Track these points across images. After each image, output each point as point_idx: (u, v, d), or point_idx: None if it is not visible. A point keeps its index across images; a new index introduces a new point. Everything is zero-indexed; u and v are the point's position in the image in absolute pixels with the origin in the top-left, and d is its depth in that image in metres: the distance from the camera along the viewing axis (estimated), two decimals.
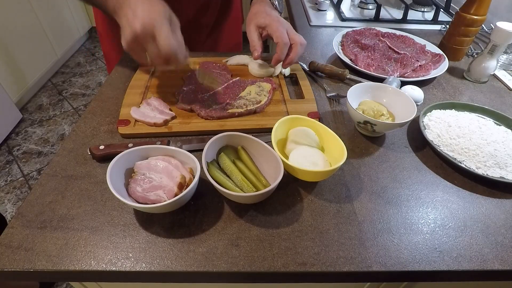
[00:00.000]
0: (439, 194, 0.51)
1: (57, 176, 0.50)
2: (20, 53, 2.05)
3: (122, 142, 0.56)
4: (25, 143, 1.91)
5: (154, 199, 0.43)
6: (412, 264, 0.41)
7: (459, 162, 0.53)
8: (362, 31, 0.92)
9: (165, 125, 0.58)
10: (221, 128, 0.58)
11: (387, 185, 0.51)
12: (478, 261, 0.42)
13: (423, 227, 0.46)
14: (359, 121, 0.57)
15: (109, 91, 0.67)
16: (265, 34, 0.68)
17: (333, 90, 0.72)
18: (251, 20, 0.69)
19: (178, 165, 0.47)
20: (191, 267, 0.40)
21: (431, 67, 0.77)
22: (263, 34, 0.69)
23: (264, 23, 0.67)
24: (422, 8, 1.17)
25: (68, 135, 0.57)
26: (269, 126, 0.56)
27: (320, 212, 0.47)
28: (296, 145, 0.52)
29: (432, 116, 0.63)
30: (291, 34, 0.66)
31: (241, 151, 0.51)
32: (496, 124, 0.62)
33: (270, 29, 0.66)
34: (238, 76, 0.71)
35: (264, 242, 0.43)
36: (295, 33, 0.66)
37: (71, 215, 0.45)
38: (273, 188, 0.43)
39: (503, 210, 0.49)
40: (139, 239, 0.42)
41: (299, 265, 0.40)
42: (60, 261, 0.40)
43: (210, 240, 0.43)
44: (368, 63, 0.78)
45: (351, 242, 0.43)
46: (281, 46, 0.64)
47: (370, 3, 1.17)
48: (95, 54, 2.77)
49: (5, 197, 1.60)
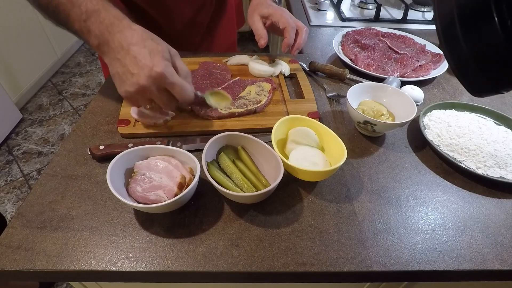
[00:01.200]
0: (439, 194, 0.51)
1: (57, 176, 0.50)
2: (20, 53, 2.05)
3: (122, 142, 0.56)
4: (25, 143, 1.91)
5: (154, 199, 0.43)
6: (412, 264, 0.41)
7: (459, 162, 0.53)
8: (362, 31, 0.92)
9: (165, 125, 0.58)
10: (221, 128, 0.58)
11: (387, 185, 0.51)
12: (478, 261, 0.42)
13: (423, 227, 0.46)
14: (359, 121, 0.57)
15: (109, 91, 0.67)
16: (269, 23, 0.70)
17: (333, 90, 0.72)
18: (254, 11, 0.71)
19: (178, 165, 0.47)
20: (191, 267, 0.40)
21: (431, 67, 0.77)
22: (266, 23, 0.70)
23: (267, 12, 0.69)
24: (422, 8, 1.17)
25: (68, 135, 0.57)
26: (269, 126, 0.56)
27: (320, 212, 0.47)
28: (296, 145, 0.52)
29: (432, 116, 0.63)
30: (296, 21, 0.68)
31: (241, 151, 0.51)
32: (496, 124, 0.62)
33: (274, 17, 0.68)
34: (238, 76, 0.71)
35: (264, 242, 0.43)
36: (298, 20, 0.69)
37: (71, 215, 0.45)
38: (273, 188, 0.43)
39: (503, 210, 0.49)
40: (139, 239, 0.42)
41: (299, 265, 0.40)
42: (60, 261, 0.40)
43: (210, 240, 0.43)
44: (368, 63, 0.78)
45: (351, 242, 0.43)
46: (289, 30, 0.66)
47: (370, 3, 1.17)
48: (95, 54, 2.77)
49: (5, 197, 1.60)
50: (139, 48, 0.45)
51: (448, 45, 0.38)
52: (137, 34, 0.46)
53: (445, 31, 0.37)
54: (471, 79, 0.39)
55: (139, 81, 0.44)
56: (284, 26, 0.66)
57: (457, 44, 0.36)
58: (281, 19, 0.67)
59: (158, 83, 0.45)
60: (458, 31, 0.35)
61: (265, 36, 0.68)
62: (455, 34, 0.36)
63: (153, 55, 0.45)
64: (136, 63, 0.44)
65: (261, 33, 0.68)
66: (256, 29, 0.69)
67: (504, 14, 0.31)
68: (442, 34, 0.38)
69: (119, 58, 0.45)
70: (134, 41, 0.45)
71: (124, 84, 0.46)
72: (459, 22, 0.35)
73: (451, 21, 0.36)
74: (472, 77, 0.39)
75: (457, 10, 0.35)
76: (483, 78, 0.37)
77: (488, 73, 0.37)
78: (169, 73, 0.45)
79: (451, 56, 0.38)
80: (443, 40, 0.38)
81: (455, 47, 0.37)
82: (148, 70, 0.44)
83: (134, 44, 0.45)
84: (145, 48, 0.45)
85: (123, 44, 0.45)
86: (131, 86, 0.45)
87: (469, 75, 0.39)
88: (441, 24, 0.38)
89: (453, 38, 0.36)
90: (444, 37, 0.38)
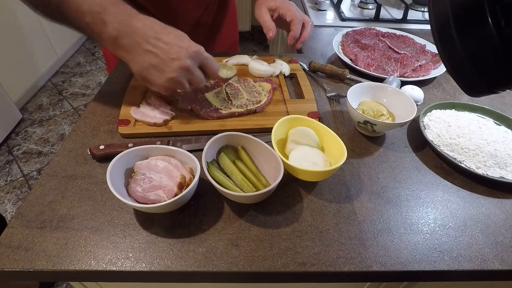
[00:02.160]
0: (439, 194, 0.51)
1: (57, 176, 0.50)
2: (20, 53, 2.05)
3: (122, 142, 0.56)
4: (25, 143, 1.91)
5: (154, 199, 0.43)
6: (412, 264, 0.41)
7: (459, 162, 0.53)
8: (362, 31, 0.92)
9: (165, 125, 0.58)
10: (221, 128, 0.58)
11: (387, 185, 0.51)
12: (478, 261, 0.42)
13: (423, 227, 0.46)
14: (359, 121, 0.57)
15: (109, 91, 0.67)
16: (276, 16, 0.71)
17: (333, 90, 0.72)
18: (262, 4, 0.72)
19: (178, 165, 0.47)
20: (191, 267, 0.40)
21: (431, 67, 0.77)
22: (273, 16, 0.72)
23: (275, 5, 0.70)
24: (422, 8, 1.17)
25: (68, 135, 0.57)
26: (269, 126, 0.56)
27: (320, 212, 0.47)
28: (296, 145, 0.52)
29: (432, 116, 0.63)
30: (302, 15, 0.70)
31: (241, 151, 0.51)
32: (496, 124, 0.62)
33: (281, 10, 0.69)
34: (238, 76, 0.71)
35: (264, 242, 0.43)
36: (304, 14, 0.71)
37: (71, 215, 0.45)
38: (273, 188, 0.43)
39: (503, 210, 0.49)
40: (139, 239, 0.42)
41: (299, 265, 0.40)
42: (60, 261, 0.40)
43: (210, 240, 0.43)
44: (368, 63, 0.78)
45: (351, 242, 0.43)
46: (296, 22, 0.67)
47: (370, 3, 1.17)
48: (95, 54, 2.77)
49: (5, 197, 1.60)
50: (166, 35, 0.47)
51: (443, 45, 0.38)
52: (156, 23, 0.48)
53: (440, 31, 0.38)
54: (466, 79, 0.39)
55: (181, 63, 0.47)
56: (291, 18, 0.68)
57: (452, 45, 0.36)
58: (288, 11, 0.68)
59: (197, 60, 0.49)
60: (452, 31, 0.36)
61: (273, 28, 0.70)
62: (449, 34, 0.36)
63: (180, 38, 0.48)
64: (170, 49, 0.46)
65: (269, 25, 0.70)
66: (264, 21, 0.70)
67: (498, 15, 0.32)
68: (437, 34, 0.38)
69: (150, 49, 0.46)
70: (157, 29, 0.47)
71: (164, 72, 0.47)
72: (453, 22, 0.35)
73: (445, 22, 0.36)
74: (467, 77, 0.39)
75: (451, 11, 0.35)
76: (478, 79, 0.38)
77: (483, 73, 0.37)
78: (203, 49, 0.49)
79: (446, 56, 0.39)
80: (438, 40, 0.38)
81: (450, 48, 0.37)
82: (185, 51, 0.47)
83: (160, 32, 0.47)
84: (171, 34, 0.47)
85: (149, 34, 0.46)
86: (174, 71, 0.47)
87: (464, 75, 0.39)
88: (436, 24, 0.38)
89: (448, 39, 0.37)
90: (439, 38, 0.38)
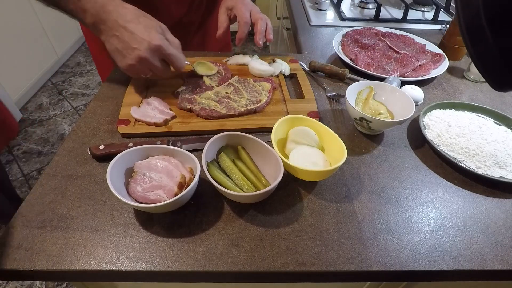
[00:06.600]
0: (439, 194, 0.51)
1: (57, 176, 0.50)
2: (20, 53, 2.05)
3: (122, 141, 0.56)
4: (25, 142, 1.91)
5: (154, 199, 0.43)
6: (412, 263, 0.41)
7: (459, 162, 0.53)
8: (362, 30, 0.92)
9: (165, 124, 0.58)
10: (221, 128, 0.58)
11: (387, 184, 0.51)
12: (478, 261, 0.42)
13: (423, 226, 0.46)
14: (356, 118, 0.57)
15: (109, 91, 0.67)
16: (233, 15, 0.73)
17: (333, 89, 0.72)
18: (223, 3, 0.75)
19: (178, 164, 0.47)
20: (191, 267, 0.40)
21: (431, 67, 0.77)
22: (231, 15, 0.74)
23: (231, 5, 0.73)
24: (422, 7, 1.17)
25: (68, 134, 0.57)
26: (269, 125, 0.56)
27: (320, 211, 0.47)
28: (296, 144, 0.52)
29: (432, 116, 0.63)
30: (254, 14, 0.71)
31: (241, 151, 0.51)
32: (496, 124, 0.62)
33: (235, 10, 0.72)
34: (238, 75, 0.71)
35: (264, 242, 0.43)
36: (258, 12, 0.73)
37: (71, 214, 0.45)
38: (273, 188, 0.43)
39: (503, 210, 0.49)
40: (139, 238, 0.42)
41: (299, 264, 0.40)
42: (60, 261, 0.40)
43: (210, 239, 0.43)
44: (368, 62, 0.78)
45: (351, 242, 0.43)
46: (241, 24, 0.70)
47: (370, 3, 1.17)
48: None
49: None
50: (135, 24, 0.49)
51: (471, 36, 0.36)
52: (130, 12, 0.51)
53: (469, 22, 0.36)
54: (495, 72, 0.38)
55: (139, 54, 0.49)
56: (239, 20, 0.70)
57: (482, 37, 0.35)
58: (238, 12, 0.70)
59: (156, 54, 0.51)
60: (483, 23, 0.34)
61: (222, 28, 0.73)
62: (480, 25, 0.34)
63: (148, 30, 0.50)
64: (135, 38, 0.49)
65: (221, 24, 0.73)
66: (220, 21, 0.73)
67: None
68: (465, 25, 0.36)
69: (117, 35, 0.50)
70: (129, 18, 0.50)
71: (125, 58, 0.51)
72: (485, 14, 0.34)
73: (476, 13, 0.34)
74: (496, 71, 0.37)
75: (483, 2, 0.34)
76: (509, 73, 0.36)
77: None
78: (165, 45, 0.51)
79: (473, 48, 0.37)
80: (465, 31, 0.36)
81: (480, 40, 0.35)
82: (146, 43, 0.49)
83: (129, 21, 0.50)
84: (140, 24, 0.50)
85: (119, 22, 0.49)
86: (133, 59, 0.50)
87: (493, 69, 0.38)
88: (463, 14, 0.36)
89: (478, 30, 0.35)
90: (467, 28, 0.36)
